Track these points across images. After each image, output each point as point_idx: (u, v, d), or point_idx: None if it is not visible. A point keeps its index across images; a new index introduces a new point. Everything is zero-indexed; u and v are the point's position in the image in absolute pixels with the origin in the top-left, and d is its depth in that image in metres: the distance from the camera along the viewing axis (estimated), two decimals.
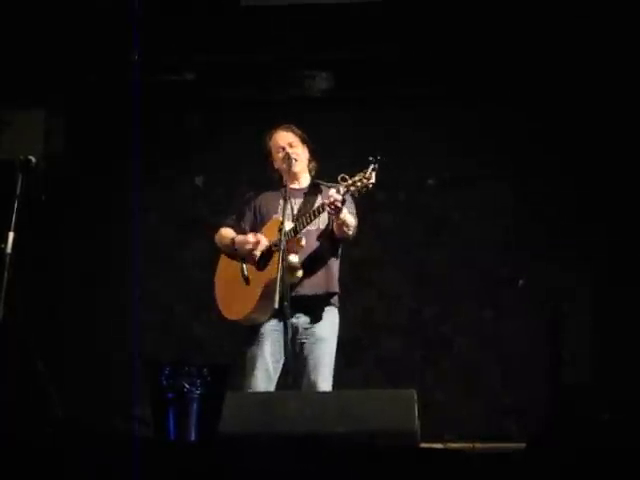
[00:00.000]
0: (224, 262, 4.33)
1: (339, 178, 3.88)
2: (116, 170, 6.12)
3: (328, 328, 4.14)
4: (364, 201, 4.18)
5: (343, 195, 3.85)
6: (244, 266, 4.17)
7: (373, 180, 3.84)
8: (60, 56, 5.81)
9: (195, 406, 2.75)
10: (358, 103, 6.25)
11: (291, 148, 4.26)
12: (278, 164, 4.32)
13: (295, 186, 4.26)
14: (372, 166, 3.85)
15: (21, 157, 4.22)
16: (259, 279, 4.09)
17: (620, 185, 5.90)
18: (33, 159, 4.26)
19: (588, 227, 5.91)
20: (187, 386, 2.72)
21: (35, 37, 5.63)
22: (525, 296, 6.01)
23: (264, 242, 4.12)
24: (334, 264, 4.22)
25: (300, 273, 4.05)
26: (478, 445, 4.82)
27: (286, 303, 3.81)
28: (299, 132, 4.34)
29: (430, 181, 6.31)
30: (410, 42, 5.77)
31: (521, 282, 6.03)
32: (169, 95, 6.18)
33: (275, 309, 3.83)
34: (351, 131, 6.26)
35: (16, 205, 4.10)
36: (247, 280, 4.15)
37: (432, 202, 6.28)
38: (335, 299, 4.21)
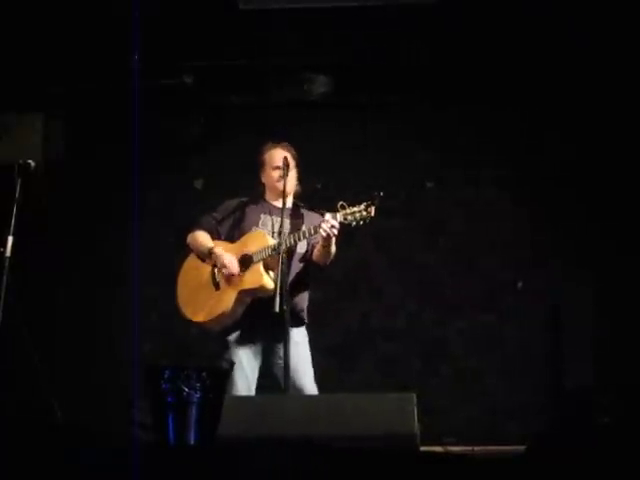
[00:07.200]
0: (192, 263, 4.40)
1: (338, 205, 3.92)
2: (115, 174, 6.11)
3: (300, 336, 4.25)
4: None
5: (340, 222, 3.92)
6: (216, 272, 4.23)
7: (373, 214, 3.90)
8: (59, 60, 5.81)
9: (194, 410, 2.74)
10: (357, 106, 6.26)
11: (287, 169, 4.27)
12: (267, 179, 4.35)
13: (277, 204, 4.29)
14: (375, 200, 3.89)
15: (20, 161, 4.22)
16: (234, 284, 4.15)
17: (620, 185, 5.90)
18: (32, 163, 4.25)
19: (588, 228, 5.91)
20: (186, 390, 2.72)
21: (33, 41, 5.63)
22: (525, 299, 6.01)
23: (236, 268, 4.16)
24: (308, 288, 4.32)
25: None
26: (478, 448, 4.82)
27: (285, 308, 3.84)
28: (295, 154, 4.38)
29: (429, 184, 6.31)
30: (409, 45, 5.77)
31: (520, 284, 6.03)
32: (168, 99, 6.18)
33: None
34: (350, 134, 6.26)
35: (15, 209, 4.10)
36: (217, 285, 4.20)
37: (431, 205, 6.27)
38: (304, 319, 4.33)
